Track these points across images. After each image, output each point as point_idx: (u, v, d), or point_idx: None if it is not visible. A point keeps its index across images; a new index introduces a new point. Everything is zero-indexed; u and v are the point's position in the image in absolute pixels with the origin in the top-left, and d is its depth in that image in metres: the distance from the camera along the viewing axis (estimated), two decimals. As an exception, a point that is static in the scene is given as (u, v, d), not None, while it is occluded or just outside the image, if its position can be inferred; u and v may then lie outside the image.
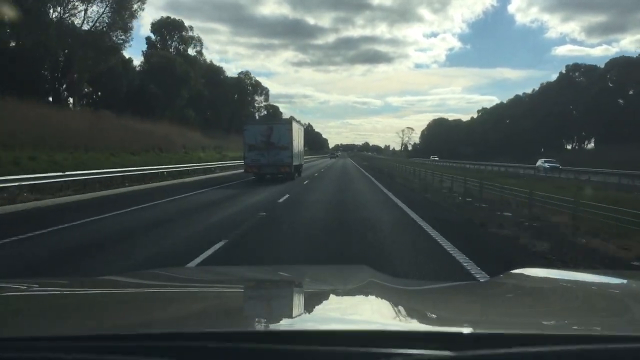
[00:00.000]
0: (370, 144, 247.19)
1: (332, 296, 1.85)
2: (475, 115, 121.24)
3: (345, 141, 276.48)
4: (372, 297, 1.75)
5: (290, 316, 1.54)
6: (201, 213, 12.35)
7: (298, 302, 1.77)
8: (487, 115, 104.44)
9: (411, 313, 1.48)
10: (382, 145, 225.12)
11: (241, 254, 7.41)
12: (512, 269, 2.16)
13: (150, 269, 4.06)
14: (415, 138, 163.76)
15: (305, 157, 45.91)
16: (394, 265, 6.30)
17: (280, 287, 2.15)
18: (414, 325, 1.36)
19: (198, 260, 6.58)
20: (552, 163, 41.38)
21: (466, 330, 1.15)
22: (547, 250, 7.45)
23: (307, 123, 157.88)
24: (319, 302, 1.75)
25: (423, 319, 1.44)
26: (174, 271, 3.11)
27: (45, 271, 6.26)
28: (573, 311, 1.59)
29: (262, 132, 26.94)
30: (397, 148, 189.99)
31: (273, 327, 1.38)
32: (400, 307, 1.55)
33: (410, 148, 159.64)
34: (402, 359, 1.04)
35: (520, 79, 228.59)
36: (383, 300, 1.70)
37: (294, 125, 29.32)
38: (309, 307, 1.65)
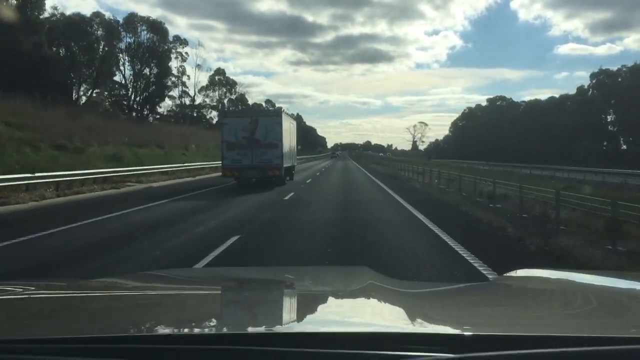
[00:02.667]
0: (372, 143, 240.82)
1: (332, 298, 1.86)
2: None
3: (345, 140, 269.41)
4: (372, 299, 1.76)
5: (290, 318, 1.55)
6: None
7: (298, 303, 1.77)
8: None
9: (411, 315, 1.48)
10: (385, 145, 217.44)
11: None
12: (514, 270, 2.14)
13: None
14: (430, 135, 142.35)
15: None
16: None
17: (280, 288, 2.15)
18: (415, 327, 1.36)
19: None
20: None
21: (467, 332, 1.16)
22: None
23: (294, 113, 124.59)
24: (319, 303, 1.75)
25: (423, 321, 1.44)
26: (172, 273, 3.06)
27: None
28: (574, 312, 1.60)
29: (245, 127, 21.70)
30: (400, 148, 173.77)
31: (272, 328, 1.38)
32: (401, 309, 1.56)
33: (422, 147, 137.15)
34: None
35: (520, 80, 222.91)
36: (383, 302, 1.70)
37: (285, 118, 24.29)
38: (309, 309, 1.66)
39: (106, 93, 53.82)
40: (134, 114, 53.55)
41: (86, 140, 27.01)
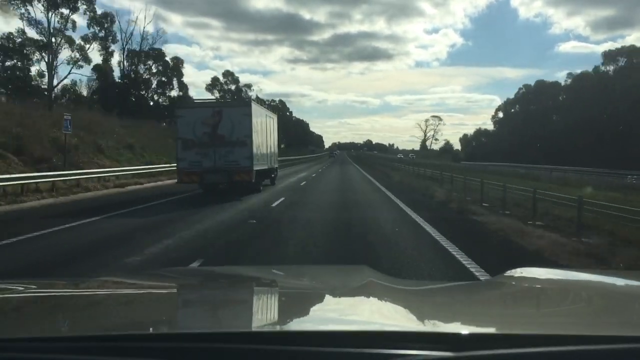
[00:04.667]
0: (374, 142, 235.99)
1: (331, 296, 1.85)
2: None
3: (343, 140, 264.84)
4: (371, 298, 1.75)
5: (289, 317, 1.54)
6: None
7: (297, 302, 1.77)
8: None
9: (411, 313, 1.49)
10: (386, 144, 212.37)
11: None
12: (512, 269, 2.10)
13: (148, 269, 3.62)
14: (446, 132, 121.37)
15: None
16: None
17: (279, 287, 2.15)
18: (414, 325, 1.36)
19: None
20: None
21: (465, 330, 1.16)
22: None
23: (275, 100, 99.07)
24: (319, 302, 1.75)
25: (422, 320, 1.43)
26: (172, 271, 3.11)
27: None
28: (572, 311, 1.59)
29: (206, 120, 17.69)
30: (402, 147, 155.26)
31: (272, 327, 1.39)
32: (400, 308, 1.58)
33: (435, 146, 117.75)
34: (401, 359, 1.04)
35: (520, 78, 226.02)
36: (382, 300, 1.70)
37: (257, 109, 19.55)
38: (308, 308, 1.66)
39: None
40: None
41: None
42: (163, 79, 52.83)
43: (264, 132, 20.51)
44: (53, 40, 39.82)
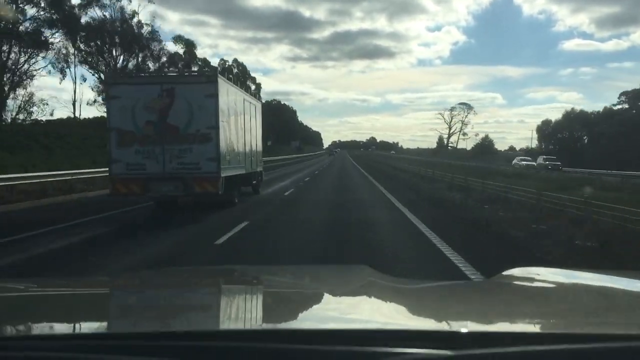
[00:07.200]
0: (378, 140, 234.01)
1: (331, 296, 1.86)
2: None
3: (344, 138, 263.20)
4: (371, 297, 1.75)
5: (289, 316, 1.54)
6: None
7: (298, 301, 1.77)
8: None
9: (410, 312, 1.51)
10: (391, 142, 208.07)
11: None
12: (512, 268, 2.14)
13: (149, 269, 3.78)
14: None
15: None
16: None
17: (279, 286, 2.16)
18: (413, 324, 1.37)
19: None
20: None
21: (465, 329, 1.17)
22: None
23: (234, 66, 70.19)
24: (319, 301, 1.77)
25: (422, 318, 1.46)
26: (172, 271, 3.15)
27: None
28: (572, 310, 1.59)
29: (151, 102, 12.01)
30: (406, 146, 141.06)
31: (272, 326, 1.40)
32: (400, 307, 1.59)
33: (464, 143, 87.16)
34: (401, 358, 1.04)
35: (523, 77, 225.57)
36: (382, 299, 1.71)
37: (226, 87, 13.16)
38: (308, 307, 1.67)
39: None
40: None
41: None
42: None
43: (240, 122, 14.57)
44: None
